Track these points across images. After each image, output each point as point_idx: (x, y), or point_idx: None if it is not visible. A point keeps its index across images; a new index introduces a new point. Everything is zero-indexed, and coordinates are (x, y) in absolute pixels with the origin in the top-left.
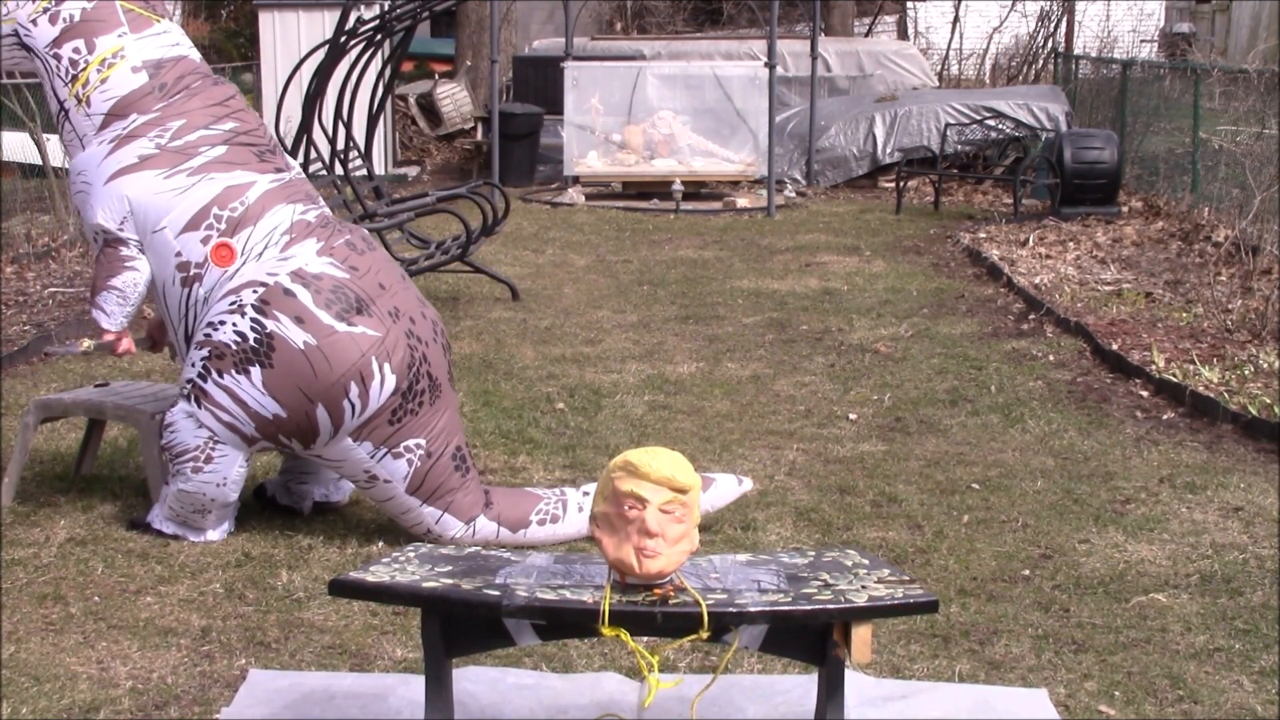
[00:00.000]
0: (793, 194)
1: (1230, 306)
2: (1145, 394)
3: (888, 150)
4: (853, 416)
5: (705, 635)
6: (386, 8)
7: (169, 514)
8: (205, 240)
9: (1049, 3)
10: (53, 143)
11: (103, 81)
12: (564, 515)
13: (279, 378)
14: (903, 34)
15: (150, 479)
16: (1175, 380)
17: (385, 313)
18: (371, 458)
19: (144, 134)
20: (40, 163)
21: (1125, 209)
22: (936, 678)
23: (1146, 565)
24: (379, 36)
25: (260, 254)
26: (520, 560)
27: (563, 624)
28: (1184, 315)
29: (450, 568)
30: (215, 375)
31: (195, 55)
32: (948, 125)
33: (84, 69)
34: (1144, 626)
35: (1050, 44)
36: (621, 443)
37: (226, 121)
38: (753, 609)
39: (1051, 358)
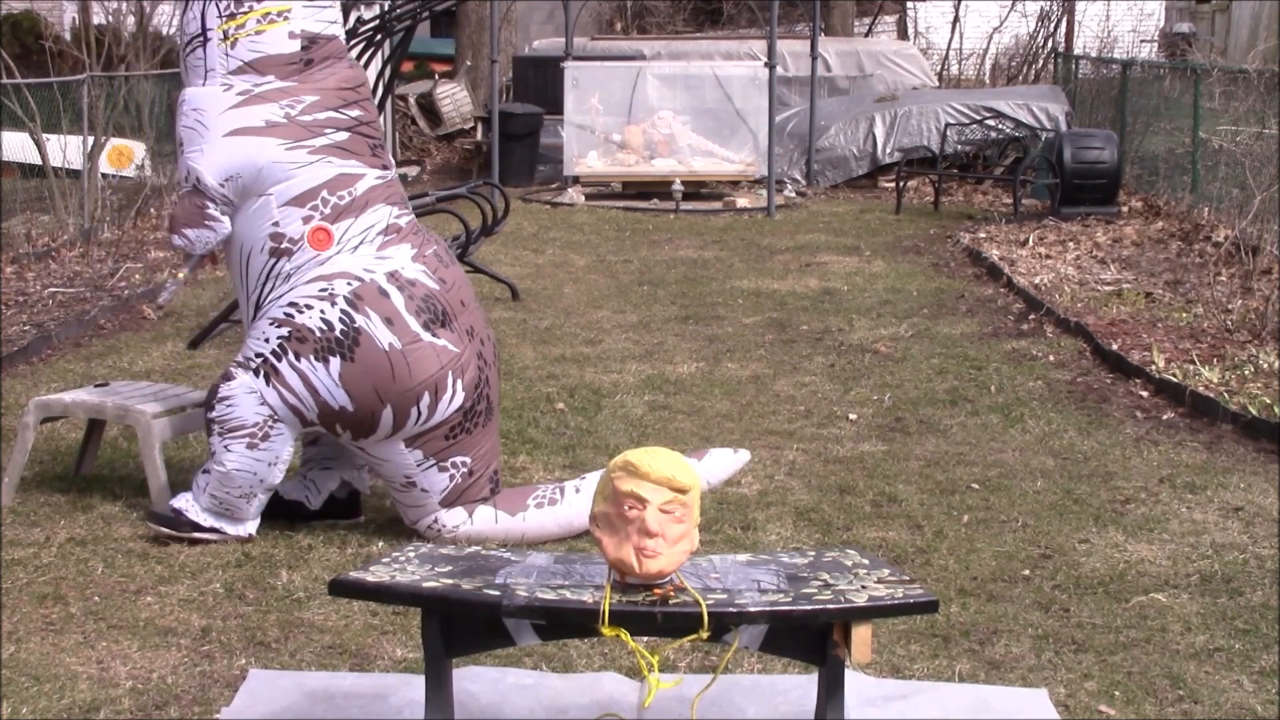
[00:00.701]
0: (793, 194)
1: (1230, 306)
2: (1145, 394)
3: (888, 150)
4: (853, 416)
5: (705, 635)
6: (386, 8)
7: (210, 504)
8: (306, 220)
9: (1049, 3)
10: (52, 143)
11: (258, 33)
12: (561, 499)
13: (357, 373)
14: (903, 34)
15: (150, 479)
16: (1175, 380)
17: (464, 330)
18: (418, 466)
19: (276, 100)
20: (40, 163)
21: (1125, 209)
22: (936, 678)
23: (1146, 565)
24: (379, 36)
25: (355, 247)
26: (520, 560)
27: (563, 624)
28: (1184, 315)
29: (450, 568)
30: (292, 356)
31: (342, 36)
32: (948, 125)
33: (247, 12)
34: (1144, 626)
35: (1050, 44)
36: (621, 443)
37: (354, 108)
38: (753, 609)
39: (1051, 358)
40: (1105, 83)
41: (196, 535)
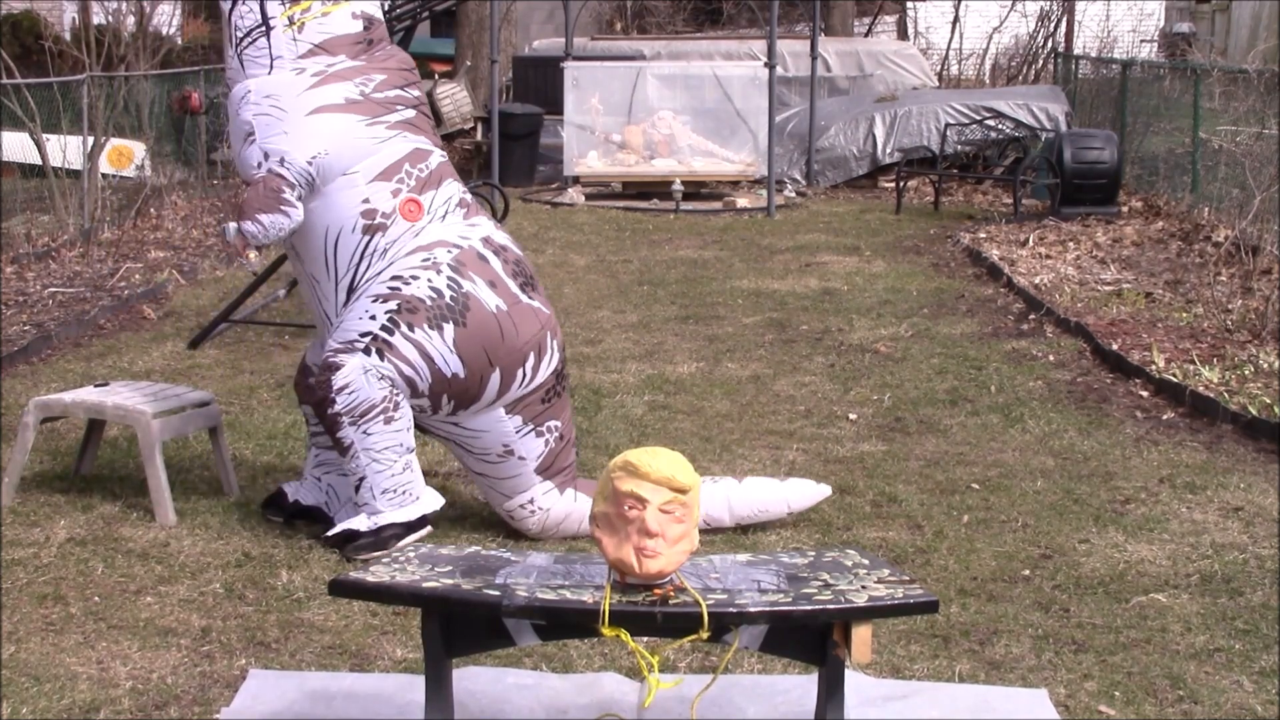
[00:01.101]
0: (793, 194)
1: (1230, 306)
2: (1145, 394)
3: (888, 150)
4: (853, 416)
5: (705, 635)
6: (386, 8)
7: (388, 500)
8: (395, 193)
9: (1049, 3)
10: (52, 143)
11: (324, 15)
12: None
13: (469, 338)
14: (903, 34)
15: (150, 479)
16: (1175, 380)
17: (545, 295)
18: (517, 433)
19: (350, 78)
20: (40, 163)
21: (1125, 209)
22: (936, 678)
23: (1146, 565)
24: None
25: (443, 217)
26: (520, 560)
27: (563, 624)
28: (1184, 315)
29: (450, 568)
30: (405, 329)
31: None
32: (948, 125)
33: None
34: (1144, 626)
35: (1050, 44)
36: (621, 443)
37: (414, 88)
38: (753, 609)
39: (1051, 358)
40: (1105, 83)
41: (410, 538)
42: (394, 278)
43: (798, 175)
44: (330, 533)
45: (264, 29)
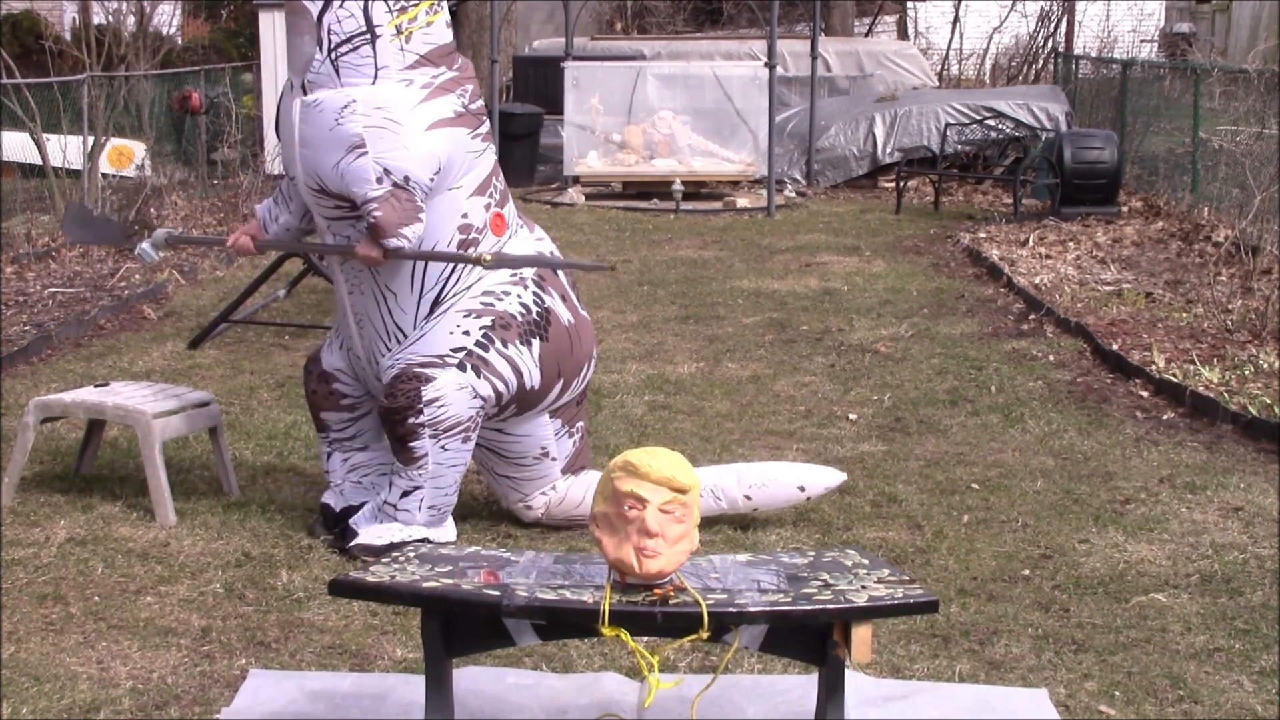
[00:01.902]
0: (793, 194)
1: (1230, 306)
2: (1145, 394)
3: (888, 150)
4: (853, 416)
5: (705, 635)
6: None
7: (429, 515)
8: (486, 207)
9: (1049, 3)
10: (53, 143)
11: (429, 24)
12: None
13: (550, 352)
14: (903, 34)
15: (150, 479)
16: (1175, 380)
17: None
18: (555, 435)
19: (453, 90)
20: (40, 163)
21: (1125, 209)
22: (936, 678)
23: (1146, 565)
24: None
25: (515, 231)
26: (520, 560)
27: (563, 624)
28: (1184, 315)
29: (450, 568)
30: (499, 345)
31: None
32: (948, 125)
33: (416, 5)
34: (1144, 626)
35: (1050, 44)
36: (621, 443)
37: (480, 98)
38: (753, 609)
39: (1051, 358)
40: (1105, 83)
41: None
42: (485, 293)
43: (798, 175)
44: (360, 541)
45: (368, 36)
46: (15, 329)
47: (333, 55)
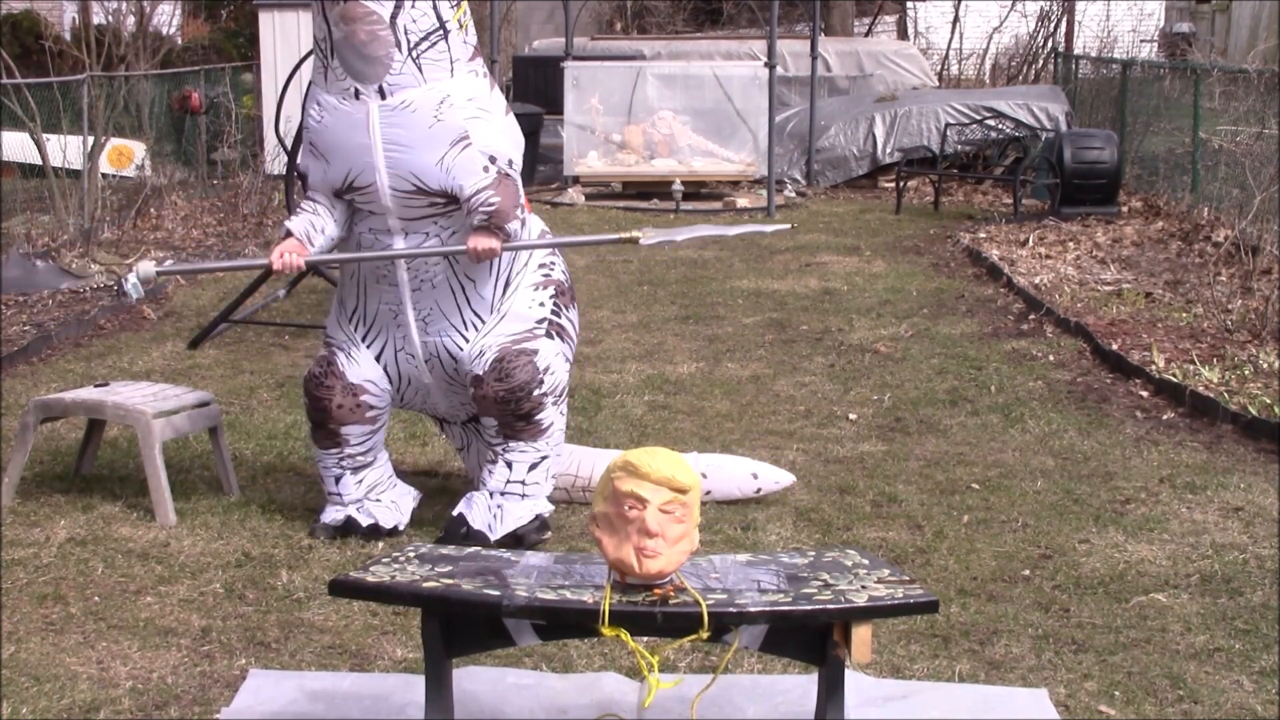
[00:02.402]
0: (793, 194)
1: (1230, 306)
2: (1145, 394)
3: (888, 150)
4: (853, 416)
5: (705, 635)
6: None
7: (550, 483)
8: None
9: (1049, 3)
10: (53, 143)
11: (468, 19)
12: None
13: (576, 313)
14: (903, 34)
15: (150, 479)
16: (1175, 380)
17: None
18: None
19: (493, 80)
20: (40, 163)
21: (1125, 209)
22: (936, 678)
23: (1146, 565)
24: None
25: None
26: (520, 560)
27: (563, 624)
28: (1184, 315)
29: (450, 568)
30: (565, 311)
31: None
32: (948, 125)
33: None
34: (1144, 626)
35: (1050, 44)
36: (621, 443)
37: None
38: (753, 609)
39: (1051, 358)
40: (1105, 83)
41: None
42: (540, 266)
43: (798, 175)
44: (509, 530)
45: (442, 32)
46: (15, 329)
47: (413, 54)
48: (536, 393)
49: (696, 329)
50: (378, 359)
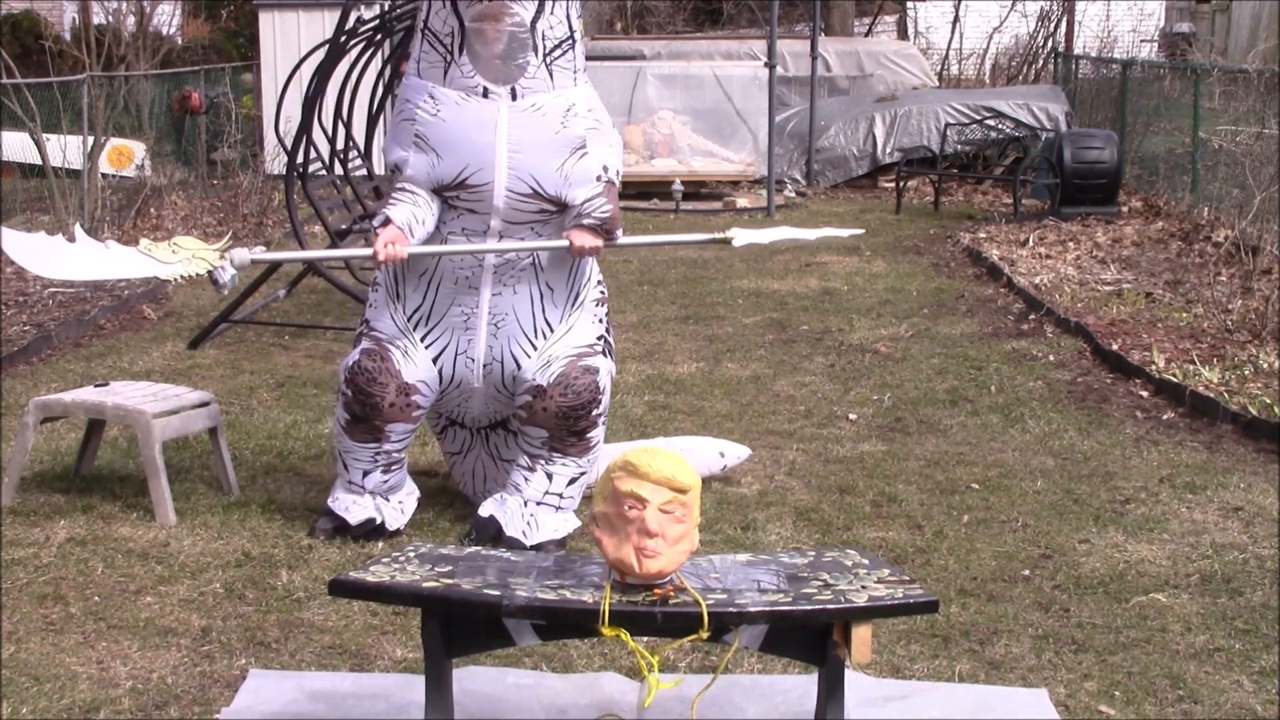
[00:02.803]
0: (793, 194)
1: (1230, 306)
2: (1145, 394)
3: (888, 150)
4: (853, 416)
5: (705, 635)
6: (386, 8)
7: (579, 500)
8: None
9: (1049, 3)
10: (53, 143)
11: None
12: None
13: None
14: (903, 34)
15: (150, 479)
16: (1175, 380)
17: None
18: None
19: None
20: (40, 163)
21: (1125, 209)
22: (936, 678)
23: (1146, 565)
24: (379, 36)
25: None
26: (520, 560)
27: (563, 624)
28: (1184, 315)
29: (450, 568)
30: (610, 328)
31: None
32: (948, 125)
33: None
34: (1144, 626)
35: (1050, 44)
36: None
37: None
38: (753, 609)
39: (1051, 358)
40: (1105, 83)
41: None
42: (598, 282)
43: (798, 175)
44: (548, 538)
45: (572, 41)
46: (15, 329)
47: (547, 60)
48: (595, 412)
49: (696, 329)
50: (434, 360)
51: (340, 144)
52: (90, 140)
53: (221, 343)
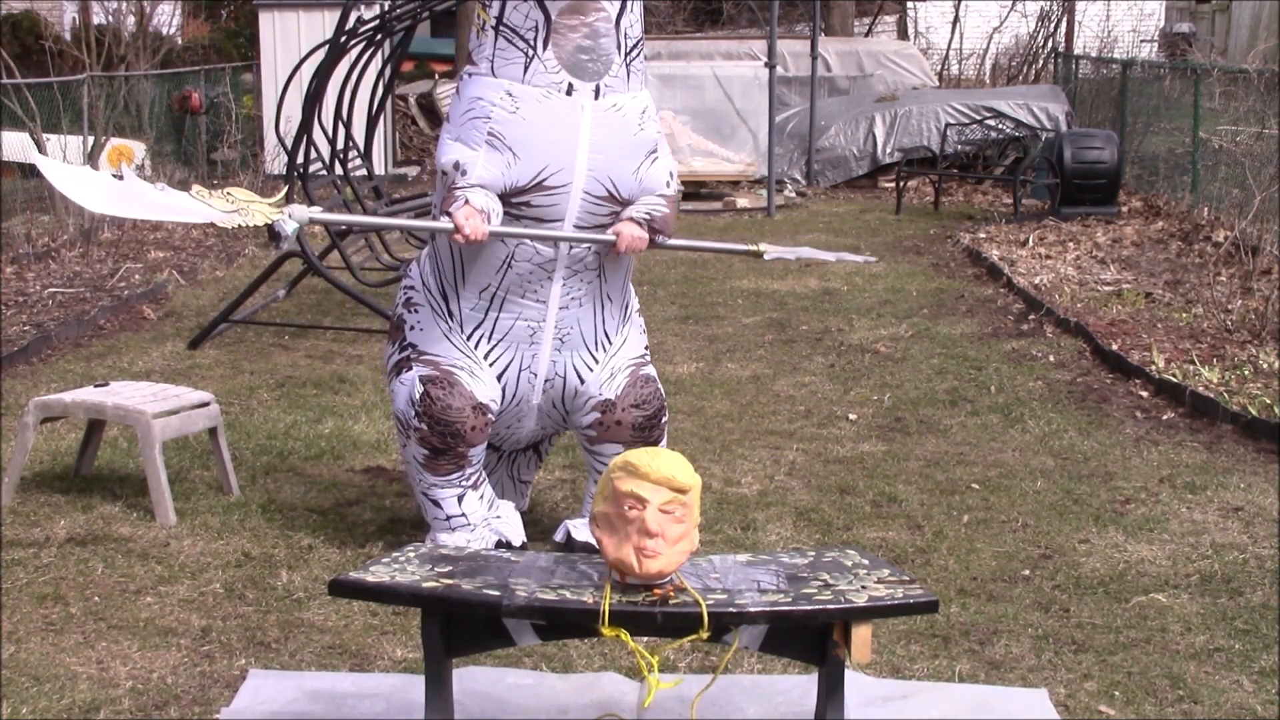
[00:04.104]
0: (793, 194)
1: (1230, 306)
2: (1145, 394)
3: (888, 150)
4: (853, 416)
5: (705, 635)
6: (386, 8)
7: None
8: None
9: (1049, 3)
10: (53, 143)
11: None
12: None
13: None
14: (903, 34)
15: (150, 479)
16: (1175, 380)
17: None
18: None
19: None
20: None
21: (1125, 209)
22: (936, 678)
23: (1146, 565)
24: (379, 36)
25: None
26: (520, 560)
27: (563, 624)
28: (1184, 315)
29: (450, 568)
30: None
31: None
32: (948, 125)
33: None
34: (1144, 626)
35: (1050, 44)
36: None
37: None
38: (753, 609)
39: (1051, 358)
40: (1105, 83)
41: None
42: (635, 295)
43: (798, 175)
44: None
45: (643, 42)
46: (15, 329)
47: (627, 60)
48: (663, 419)
49: (696, 329)
50: (499, 377)
51: (340, 144)
52: (90, 140)
53: (221, 343)
